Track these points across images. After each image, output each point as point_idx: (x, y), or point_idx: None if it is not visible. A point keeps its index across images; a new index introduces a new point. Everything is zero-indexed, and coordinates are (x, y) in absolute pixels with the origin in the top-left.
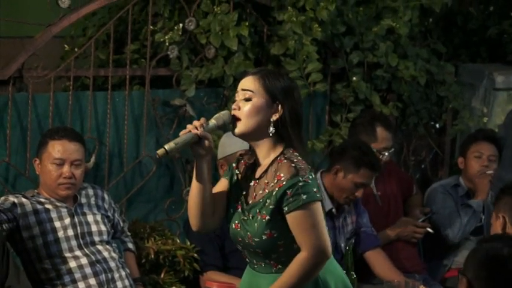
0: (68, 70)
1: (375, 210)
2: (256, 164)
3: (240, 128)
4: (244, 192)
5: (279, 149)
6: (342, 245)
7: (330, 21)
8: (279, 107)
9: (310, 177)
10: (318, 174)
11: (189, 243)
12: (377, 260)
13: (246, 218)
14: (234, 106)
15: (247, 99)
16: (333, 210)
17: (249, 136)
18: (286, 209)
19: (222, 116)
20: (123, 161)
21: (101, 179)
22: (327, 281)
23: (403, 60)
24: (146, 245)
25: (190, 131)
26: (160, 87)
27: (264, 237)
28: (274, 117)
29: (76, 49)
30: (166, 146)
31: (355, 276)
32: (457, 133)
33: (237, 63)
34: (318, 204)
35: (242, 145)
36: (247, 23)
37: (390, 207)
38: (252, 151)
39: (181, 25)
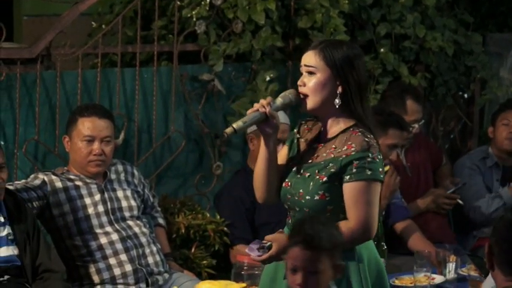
0: (95, 47)
1: (405, 181)
2: (321, 130)
3: (308, 104)
4: (303, 153)
5: (349, 120)
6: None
7: None
8: (341, 79)
9: (379, 156)
10: None
11: (218, 217)
12: (408, 232)
13: (300, 176)
14: (299, 82)
15: (311, 74)
16: None
17: (318, 110)
18: (347, 177)
19: (288, 94)
20: (152, 136)
21: (130, 155)
22: (362, 253)
23: (431, 31)
24: (176, 220)
25: (258, 110)
26: (188, 62)
27: (316, 197)
28: (340, 89)
29: (103, 26)
30: (235, 125)
31: (385, 247)
32: (485, 103)
33: (264, 37)
34: (379, 185)
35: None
36: None
37: (420, 178)
38: (317, 119)
39: (208, 0)
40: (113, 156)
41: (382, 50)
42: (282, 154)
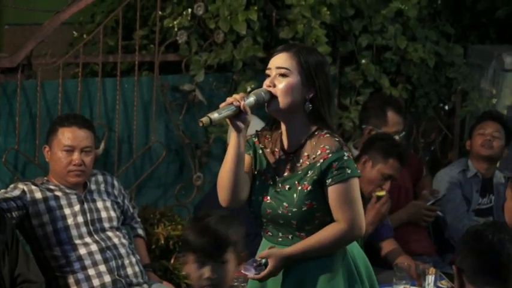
0: (76, 57)
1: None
2: (284, 138)
3: (275, 105)
4: (273, 165)
5: (312, 125)
6: None
7: (339, 5)
8: (314, 84)
9: (351, 154)
10: None
11: None
12: (389, 250)
13: (279, 189)
14: (268, 83)
15: (283, 76)
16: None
17: (283, 113)
18: (329, 181)
19: (261, 91)
20: (133, 147)
21: (111, 166)
22: (354, 254)
23: (412, 43)
24: (156, 230)
25: (231, 103)
26: (170, 72)
27: (304, 207)
28: (310, 95)
29: (85, 35)
30: (211, 115)
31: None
32: (466, 114)
33: (246, 47)
34: (358, 180)
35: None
36: (256, 7)
37: (400, 190)
38: (274, 127)
39: (190, 10)
40: (93, 166)
41: (363, 61)
42: (246, 161)
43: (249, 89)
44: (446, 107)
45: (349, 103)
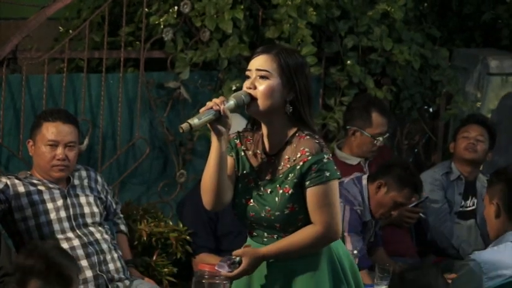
0: (62, 52)
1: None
2: (265, 140)
3: (255, 107)
4: (256, 168)
5: (293, 127)
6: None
7: (325, 5)
8: (294, 86)
9: (330, 155)
10: (364, 182)
11: (181, 225)
12: (376, 256)
13: (262, 193)
14: (248, 85)
15: (263, 78)
16: (371, 222)
17: (264, 115)
18: (308, 183)
19: (241, 94)
20: (117, 143)
21: (94, 161)
22: (340, 254)
23: (398, 45)
24: (139, 227)
25: (211, 108)
26: (155, 69)
27: (286, 211)
28: (290, 97)
29: (70, 31)
30: (190, 121)
31: None
32: (450, 117)
33: (231, 46)
34: (337, 183)
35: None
36: (242, 6)
37: None
38: (255, 128)
39: (176, 8)
40: (77, 162)
41: (348, 62)
42: (228, 164)
43: (234, 88)
44: (431, 110)
45: (333, 104)
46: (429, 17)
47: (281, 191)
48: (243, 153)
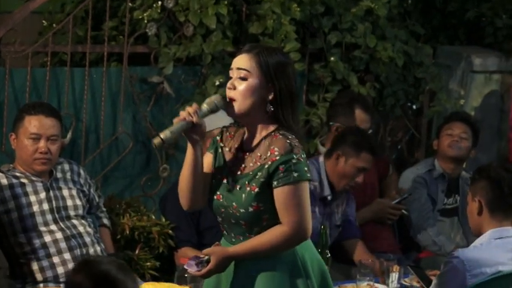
0: (45, 46)
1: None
2: (245, 137)
3: (236, 109)
4: (230, 164)
5: (273, 126)
6: (328, 231)
7: (309, 2)
8: (274, 85)
9: (303, 155)
10: (321, 159)
11: (164, 219)
12: (356, 249)
13: (231, 188)
14: (229, 85)
15: (243, 79)
16: (329, 197)
17: (245, 116)
18: (275, 183)
19: (213, 100)
20: (100, 137)
21: (77, 155)
22: (305, 258)
23: (381, 42)
24: (121, 221)
25: (184, 118)
26: (138, 64)
27: (251, 209)
28: (270, 97)
29: (54, 25)
30: (162, 135)
31: (329, 255)
32: (433, 115)
33: (215, 41)
34: (307, 184)
35: (215, 124)
36: (226, 2)
37: (366, 187)
38: (238, 125)
39: (160, 2)
40: (60, 155)
41: (332, 58)
42: (207, 161)
43: (217, 83)
44: (414, 107)
45: (317, 100)
46: (413, 14)
47: (248, 189)
48: (220, 150)
